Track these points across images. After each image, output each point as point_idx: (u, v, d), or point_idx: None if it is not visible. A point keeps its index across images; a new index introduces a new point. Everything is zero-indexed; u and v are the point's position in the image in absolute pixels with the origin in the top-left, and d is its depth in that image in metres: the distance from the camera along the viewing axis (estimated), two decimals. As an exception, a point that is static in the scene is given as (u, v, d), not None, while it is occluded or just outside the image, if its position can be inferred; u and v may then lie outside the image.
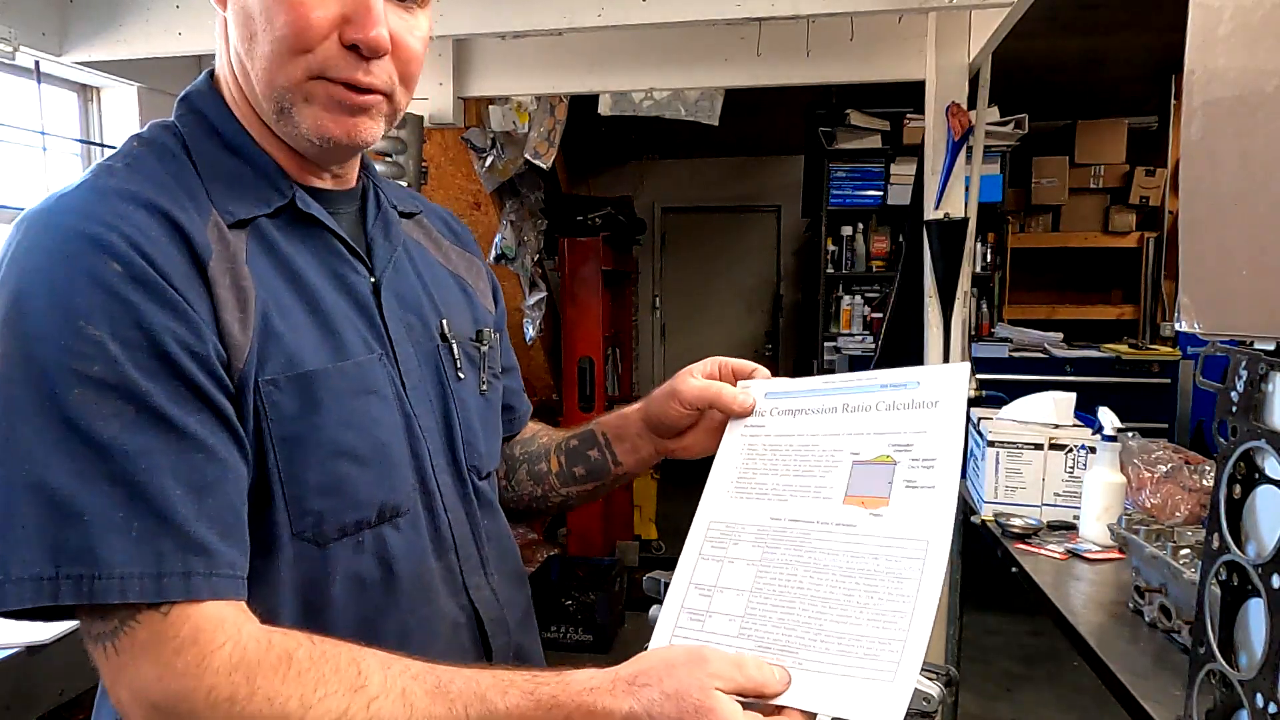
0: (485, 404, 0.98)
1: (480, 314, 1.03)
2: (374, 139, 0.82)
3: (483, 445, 0.96)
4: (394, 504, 0.82)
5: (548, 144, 4.10)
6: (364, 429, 0.80)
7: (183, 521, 0.66)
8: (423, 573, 0.85)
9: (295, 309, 0.79)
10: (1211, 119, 0.84)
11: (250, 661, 0.66)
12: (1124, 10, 3.94)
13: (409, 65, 0.82)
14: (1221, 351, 0.88)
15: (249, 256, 0.77)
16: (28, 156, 2.84)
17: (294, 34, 0.75)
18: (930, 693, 1.01)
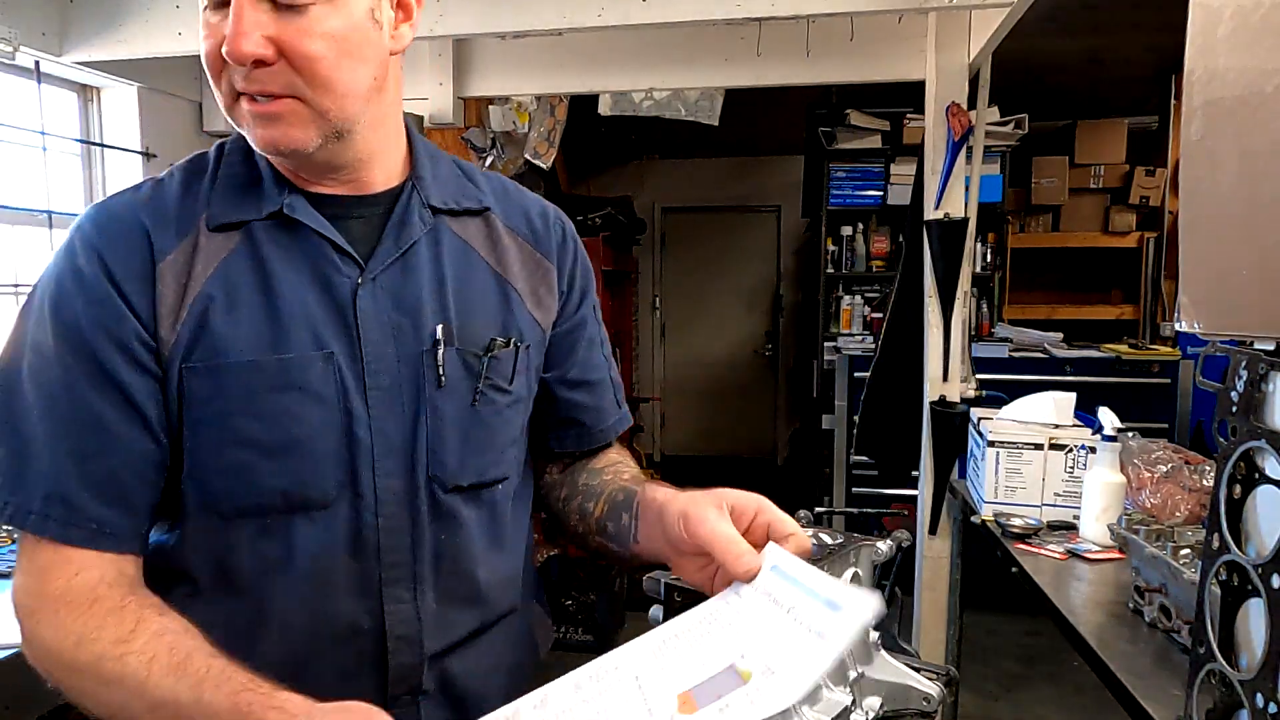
0: (473, 415, 0.94)
1: (516, 320, 0.98)
2: (305, 143, 0.85)
3: (454, 457, 0.93)
4: (304, 496, 0.87)
5: (548, 144, 4.11)
6: (275, 422, 0.86)
7: (63, 478, 0.82)
8: (330, 570, 0.88)
9: (250, 305, 0.87)
10: (1211, 119, 0.84)
11: (67, 598, 0.81)
12: (1124, 10, 3.94)
13: (307, 64, 0.82)
14: (1221, 351, 0.88)
15: (230, 256, 0.88)
16: (28, 156, 2.84)
17: (208, 60, 0.84)
18: (930, 693, 1.01)
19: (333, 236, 0.90)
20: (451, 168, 1.02)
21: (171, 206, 0.89)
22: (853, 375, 4.44)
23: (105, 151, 3.17)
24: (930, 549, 2.95)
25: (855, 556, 1.04)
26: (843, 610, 0.78)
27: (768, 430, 7.41)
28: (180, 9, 2.65)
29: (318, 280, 0.89)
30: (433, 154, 1.01)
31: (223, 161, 0.92)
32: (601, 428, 1.09)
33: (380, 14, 0.87)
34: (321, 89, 0.84)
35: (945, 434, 2.80)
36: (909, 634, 3.05)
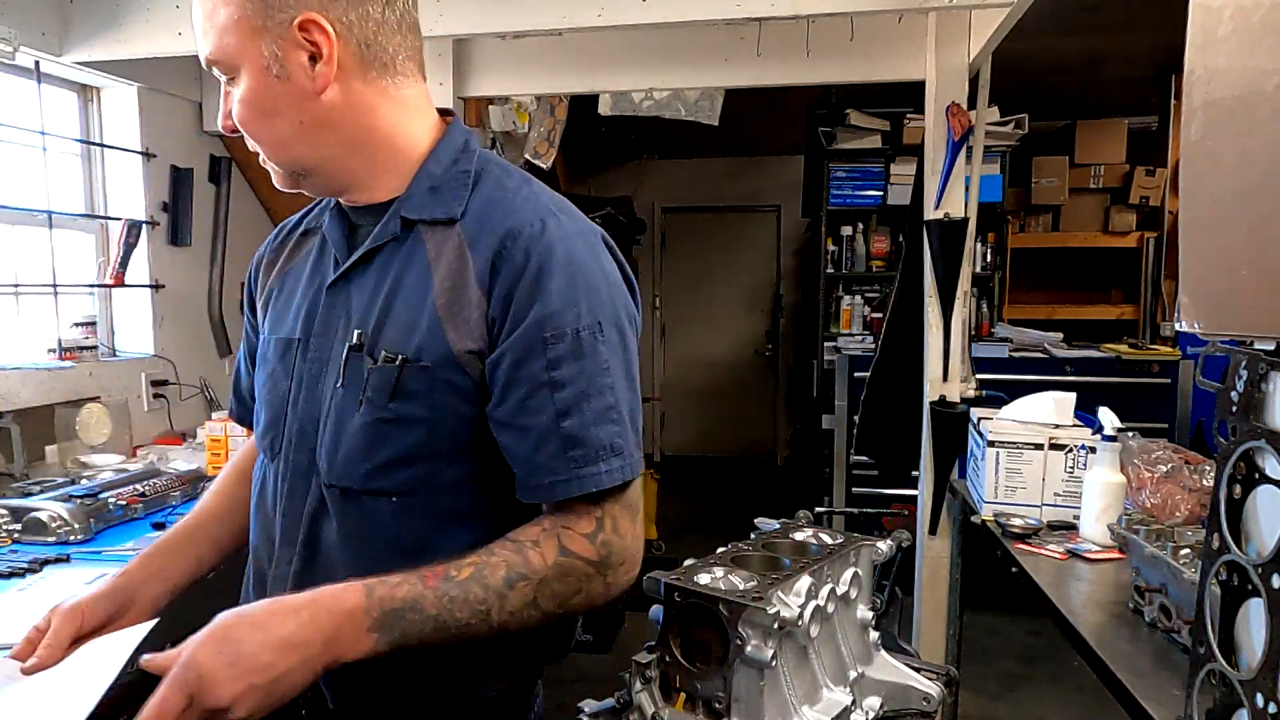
0: (362, 423, 0.98)
1: (418, 338, 0.97)
2: (282, 184, 1.04)
3: (338, 455, 1.00)
4: (263, 444, 1.10)
5: (548, 144, 4.11)
6: (263, 387, 1.11)
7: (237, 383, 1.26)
8: (269, 510, 1.09)
9: (288, 293, 1.11)
10: (1211, 119, 0.84)
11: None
12: (1124, 10, 3.95)
13: (245, 128, 1.00)
14: (1221, 351, 0.88)
15: (306, 255, 1.12)
16: (28, 156, 2.84)
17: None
18: (930, 693, 1.01)
19: (333, 242, 1.07)
20: (460, 179, 1.02)
21: (295, 217, 1.18)
22: (853, 375, 4.44)
23: (105, 151, 3.17)
24: (930, 549, 2.95)
25: (855, 556, 1.04)
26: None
27: (768, 430, 7.41)
28: (180, 9, 2.65)
29: (317, 278, 1.08)
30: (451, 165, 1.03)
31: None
32: (532, 484, 0.97)
33: (281, 68, 0.95)
34: (261, 144, 1.01)
35: (945, 434, 2.80)
36: (909, 634, 3.05)
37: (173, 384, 3.24)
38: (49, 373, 2.72)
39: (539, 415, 0.94)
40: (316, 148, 0.98)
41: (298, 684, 0.84)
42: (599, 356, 0.96)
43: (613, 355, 0.97)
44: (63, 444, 2.72)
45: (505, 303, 0.95)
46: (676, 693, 0.91)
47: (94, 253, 3.16)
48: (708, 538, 1.04)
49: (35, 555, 1.88)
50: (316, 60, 0.94)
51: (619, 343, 0.99)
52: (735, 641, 0.85)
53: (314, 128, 0.97)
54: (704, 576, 0.92)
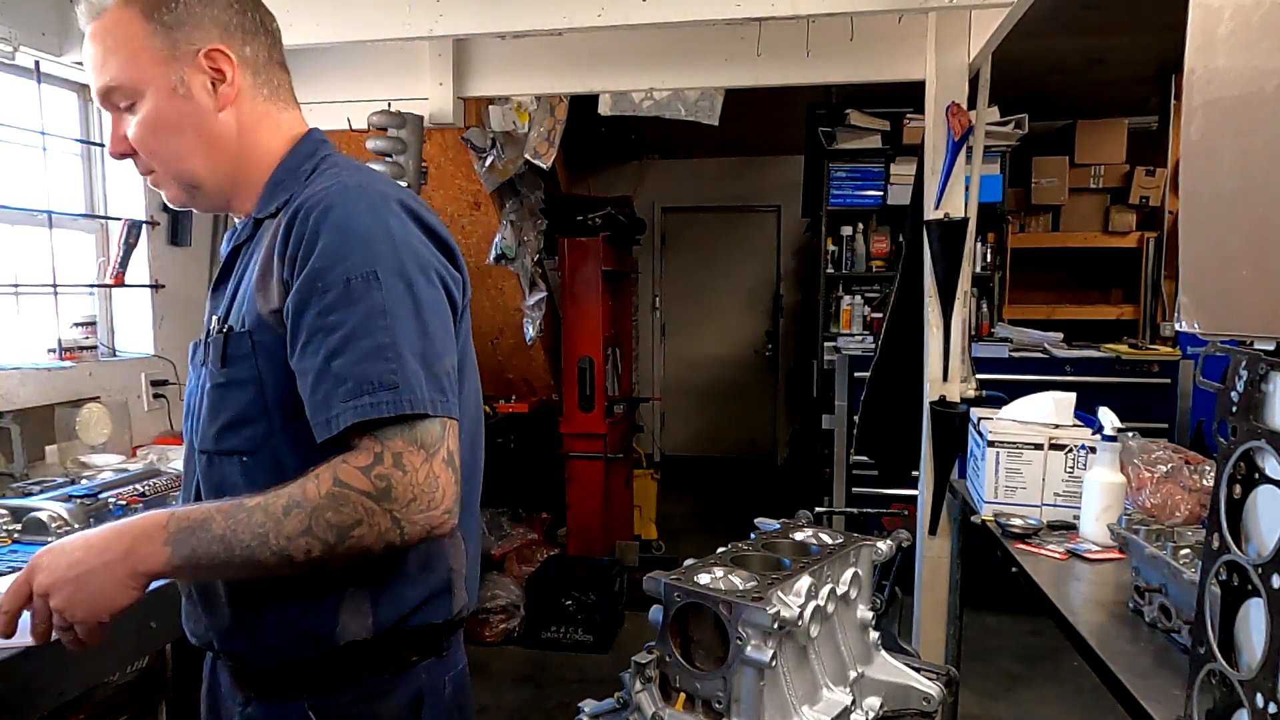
0: (205, 391, 1.14)
1: (241, 307, 1.13)
2: (178, 199, 1.19)
3: (203, 427, 1.14)
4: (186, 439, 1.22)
5: (548, 144, 4.10)
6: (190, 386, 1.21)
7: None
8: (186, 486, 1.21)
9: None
10: (1211, 119, 0.84)
11: None
12: (1124, 10, 3.95)
13: (145, 150, 1.14)
14: (1221, 351, 0.88)
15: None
16: (28, 156, 2.84)
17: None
18: (930, 693, 1.01)
19: (223, 252, 1.23)
20: (293, 176, 1.16)
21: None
22: (853, 375, 4.44)
23: (105, 151, 3.17)
24: (930, 549, 2.95)
25: (855, 556, 1.04)
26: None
27: (768, 430, 7.41)
28: (180, 9, 2.64)
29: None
30: (293, 167, 1.17)
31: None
32: (314, 424, 1.03)
33: (187, 89, 1.12)
34: (164, 161, 1.14)
35: (945, 434, 2.80)
36: (909, 634, 3.05)
37: (173, 384, 3.23)
38: (49, 373, 2.72)
39: (314, 358, 1.03)
40: (209, 161, 1.15)
41: (104, 586, 1.02)
42: (372, 301, 1.03)
43: (393, 301, 1.03)
44: (63, 444, 2.72)
45: (292, 265, 1.06)
46: (676, 693, 0.91)
47: (94, 253, 3.16)
48: (708, 538, 1.04)
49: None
50: (218, 84, 1.13)
51: (404, 291, 1.04)
52: (735, 641, 0.86)
53: (210, 141, 1.14)
54: (704, 576, 0.92)
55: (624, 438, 5.20)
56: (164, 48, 1.11)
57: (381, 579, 1.11)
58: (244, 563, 1.00)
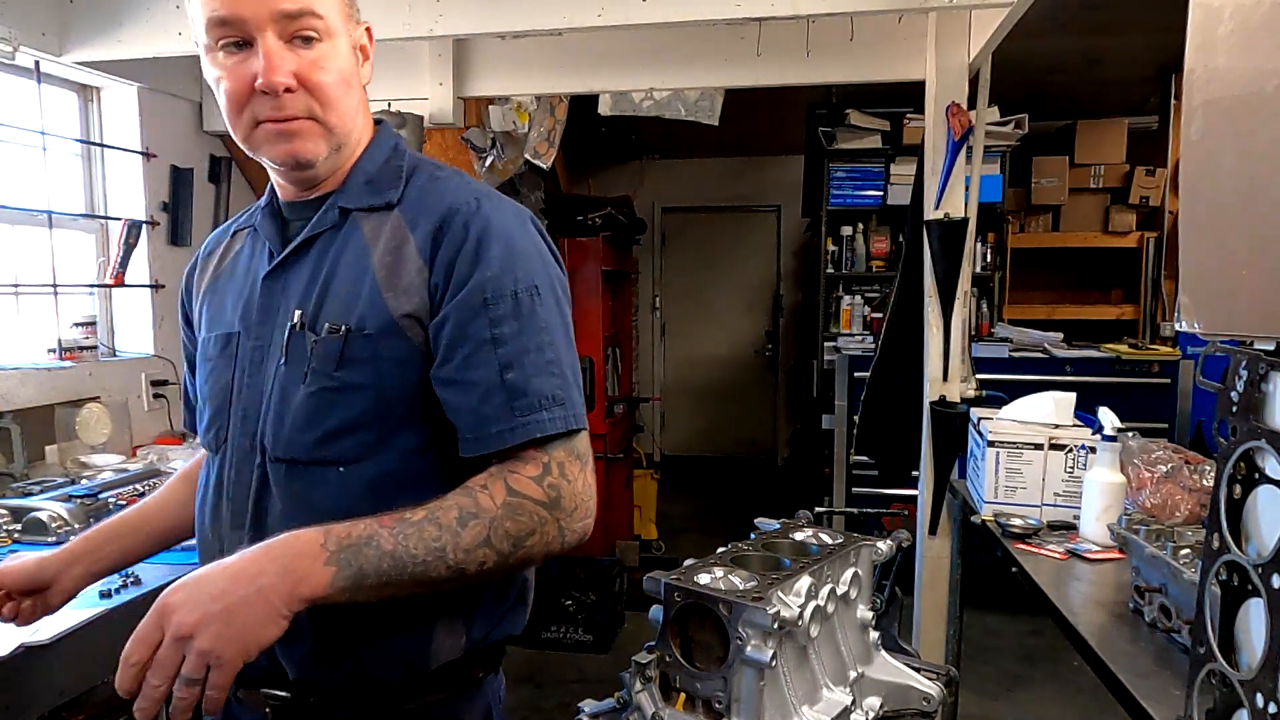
0: (301, 393, 1.04)
1: (360, 308, 1.03)
2: (314, 155, 1.05)
3: (280, 431, 1.05)
4: (207, 442, 1.14)
5: (548, 144, 4.11)
6: (204, 383, 1.15)
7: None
8: (213, 504, 1.12)
9: (222, 291, 1.16)
10: (1211, 119, 0.84)
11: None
12: (1124, 10, 3.95)
13: (319, 91, 1.03)
14: (1221, 351, 0.88)
15: (236, 253, 1.18)
16: (28, 156, 2.84)
17: (230, 100, 1.02)
18: (930, 693, 1.01)
19: (268, 236, 1.13)
20: (394, 171, 1.12)
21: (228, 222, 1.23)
22: (853, 375, 4.44)
23: (105, 151, 3.17)
24: (930, 549, 2.95)
25: (855, 556, 1.04)
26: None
27: (768, 430, 7.41)
28: (180, 9, 2.64)
29: (251, 272, 1.13)
30: (384, 162, 1.13)
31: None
32: (480, 435, 1.01)
33: (356, 51, 1.09)
34: (331, 108, 1.04)
35: (945, 434, 2.80)
36: (909, 634, 3.05)
37: (173, 384, 3.23)
38: (49, 373, 2.72)
39: (483, 370, 1.00)
40: (353, 128, 1.09)
41: (258, 616, 0.86)
42: (537, 316, 1.04)
43: (550, 316, 1.05)
44: (63, 444, 2.72)
45: (447, 270, 1.02)
46: (676, 693, 0.91)
47: (94, 253, 3.16)
48: (708, 538, 1.04)
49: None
50: (364, 62, 1.12)
51: (555, 306, 1.07)
52: (735, 641, 0.85)
53: (357, 109, 1.10)
54: (704, 576, 0.92)
55: (624, 438, 5.20)
56: (350, 6, 1.09)
57: (477, 594, 1.07)
58: (414, 579, 0.92)
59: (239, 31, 0.99)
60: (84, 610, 1.61)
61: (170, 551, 1.99)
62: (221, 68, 1.01)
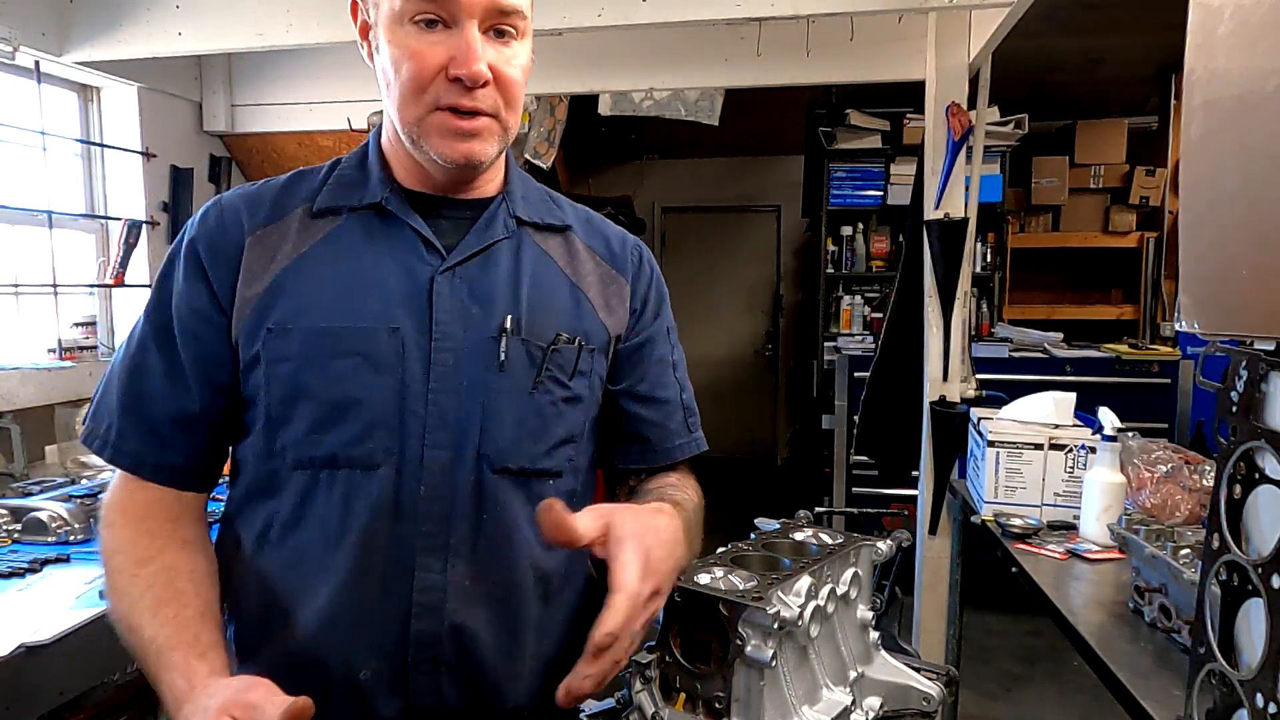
0: (530, 401, 0.99)
1: (584, 322, 1.04)
2: (487, 157, 0.97)
3: (507, 439, 0.97)
4: (354, 456, 0.94)
5: (548, 144, 4.11)
6: (335, 384, 0.94)
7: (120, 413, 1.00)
8: (371, 529, 0.93)
9: (329, 278, 0.97)
10: (1211, 119, 0.84)
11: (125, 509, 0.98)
12: (1124, 10, 3.94)
13: (509, 90, 0.96)
14: (1221, 351, 0.88)
15: (325, 237, 0.99)
16: (28, 156, 2.84)
17: (414, 76, 0.93)
18: (930, 693, 1.01)
19: (421, 229, 0.99)
20: (540, 191, 1.12)
21: (270, 193, 1.02)
22: (853, 375, 4.44)
23: (105, 151, 3.17)
24: (930, 549, 2.95)
25: (855, 556, 1.04)
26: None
27: (768, 430, 7.41)
28: (180, 9, 2.65)
29: (400, 265, 0.98)
30: (524, 177, 1.11)
31: (337, 168, 1.04)
32: (666, 446, 1.11)
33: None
34: (511, 109, 0.98)
35: (945, 434, 2.80)
36: (909, 634, 3.05)
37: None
38: (49, 373, 2.72)
39: (671, 390, 1.14)
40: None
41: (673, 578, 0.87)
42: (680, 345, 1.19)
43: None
44: (63, 444, 2.72)
45: (644, 298, 1.12)
46: (676, 693, 0.91)
47: (94, 253, 3.16)
48: (708, 538, 1.04)
49: (35, 555, 1.88)
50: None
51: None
52: (735, 641, 0.85)
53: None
54: (704, 576, 0.92)
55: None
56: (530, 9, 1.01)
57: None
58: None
59: (444, 11, 0.91)
60: (84, 610, 1.61)
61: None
62: (406, 44, 0.92)
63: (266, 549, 0.96)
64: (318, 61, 3.41)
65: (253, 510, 0.98)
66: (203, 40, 2.66)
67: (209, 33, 2.65)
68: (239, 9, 2.61)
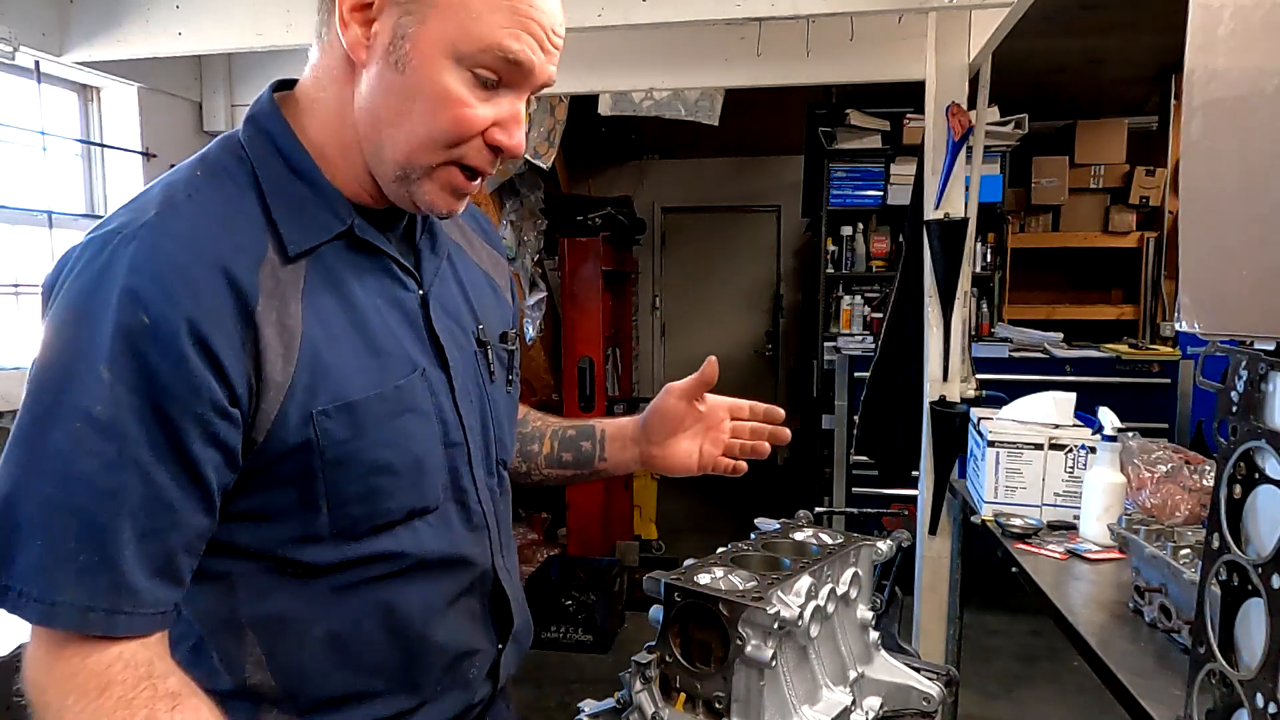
0: (509, 400, 1.06)
1: (507, 313, 1.09)
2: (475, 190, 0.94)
3: (508, 439, 1.05)
4: (422, 506, 0.92)
5: (548, 144, 4.10)
6: (401, 446, 0.89)
7: (122, 562, 0.74)
8: (454, 552, 0.96)
9: (345, 336, 0.87)
10: (1211, 119, 0.84)
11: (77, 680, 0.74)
12: (1124, 10, 3.95)
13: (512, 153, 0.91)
14: (1221, 351, 0.88)
15: (307, 287, 0.85)
16: (28, 156, 2.84)
17: (455, 131, 0.84)
18: (930, 693, 1.01)
19: (395, 255, 0.93)
20: None
21: (234, 238, 0.81)
22: (853, 375, 4.44)
23: (105, 151, 3.17)
24: (930, 549, 2.95)
25: (855, 556, 1.04)
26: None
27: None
28: (180, 9, 2.65)
29: (389, 300, 0.92)
30: None
31: (260, 176, 0.86)
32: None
33: None
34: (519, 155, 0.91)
35: (945, 434, 2.80)
36: (909, 634, 3.05)
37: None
38: (49, 373, 2.72)
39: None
40: None
41: None
42: None
43: None
44: (63, 444, 2.72)
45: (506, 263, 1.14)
46: (676, 693, 0.91)
47: (94, 253, 3.16)
48: (708, 538, 1.04)
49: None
50: None
51: None
52: (735, 641, 0.85)
53: None
54: (704, 576, 0.92)
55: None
56: None
57: None
58: None
59: (514, 78, 0.85)
60: (84, 610, 1.61)
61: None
62: (453, 90, 0.83)
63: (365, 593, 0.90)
64: (318, 61, 3.41)
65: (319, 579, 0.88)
66: (203, 40, 2.66)
67: (209, 33, 2.65)
68: (239, 9, 2.61)
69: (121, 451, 0.74)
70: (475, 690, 1.00)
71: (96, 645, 0.75)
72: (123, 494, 0.74)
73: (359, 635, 0.89)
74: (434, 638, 0.94)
